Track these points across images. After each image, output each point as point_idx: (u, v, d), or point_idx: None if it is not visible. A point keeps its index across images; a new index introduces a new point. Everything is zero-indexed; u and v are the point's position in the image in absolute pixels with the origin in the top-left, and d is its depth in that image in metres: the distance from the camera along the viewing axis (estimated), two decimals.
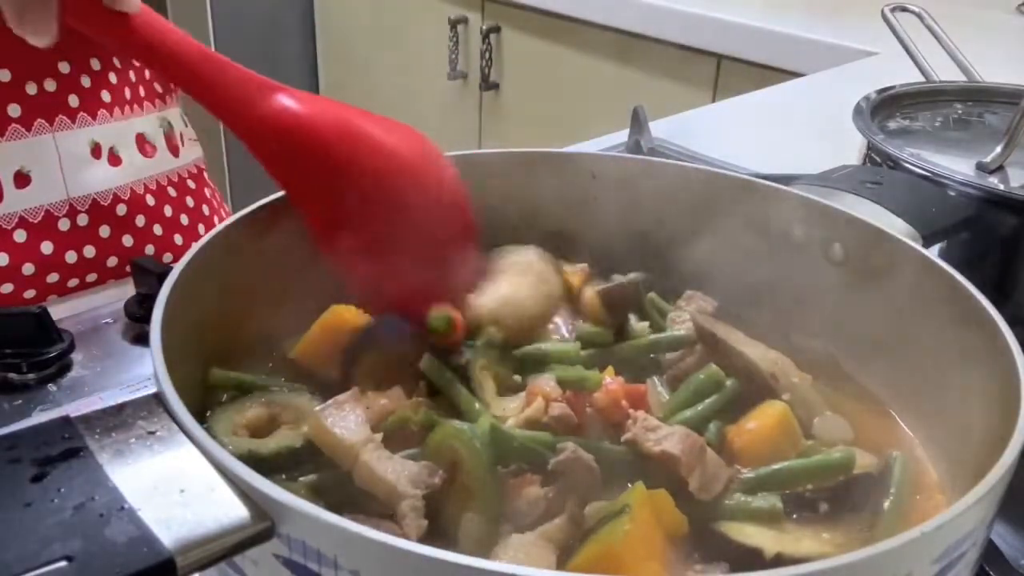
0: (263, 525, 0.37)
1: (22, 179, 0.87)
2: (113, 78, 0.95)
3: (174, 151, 1.02)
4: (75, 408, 0.68)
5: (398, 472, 0.46)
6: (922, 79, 1.00)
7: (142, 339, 0.76)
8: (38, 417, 0.67)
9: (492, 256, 0.66)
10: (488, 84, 2.46)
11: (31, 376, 0.70)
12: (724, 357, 0.57)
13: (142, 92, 0.99)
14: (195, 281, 0.52)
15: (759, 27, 1.79)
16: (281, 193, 0.60)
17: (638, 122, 1.15)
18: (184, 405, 0.41)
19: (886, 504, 0.50)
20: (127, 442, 0.40)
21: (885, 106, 0.88)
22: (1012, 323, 0.49)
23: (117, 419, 0.41)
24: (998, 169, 0.76)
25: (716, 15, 1.85)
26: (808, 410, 0.56)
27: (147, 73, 1.01)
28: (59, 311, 0.76)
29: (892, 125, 0.87)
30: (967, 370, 0.52)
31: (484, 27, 2.40)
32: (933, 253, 0.57)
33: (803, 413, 0.55)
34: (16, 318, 0.71)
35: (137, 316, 0.77)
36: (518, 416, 0.53)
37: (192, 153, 1.06)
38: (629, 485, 0.47)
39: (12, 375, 0.70)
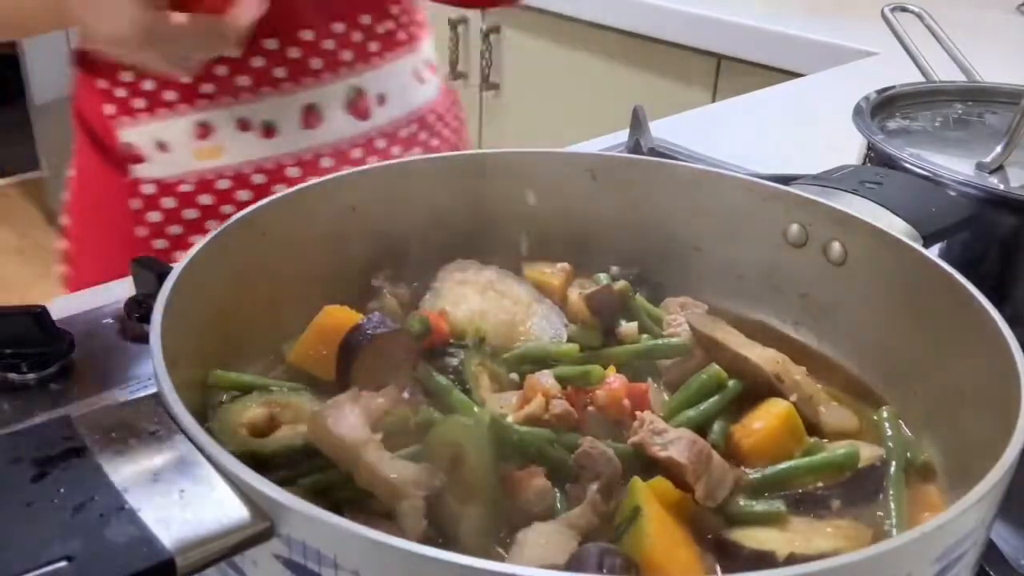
0: (263, 525, 0.37)
1: (380, 100, 1.02)
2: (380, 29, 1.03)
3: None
4: (75, 408, 0.67)
5: (399, 472, 0.46)
6: (922, 79, 1.00)
7: (142, 339, 0.76)
8: (38, 417, 0.67)
9: (451, 270, 0.66)
10: (488, 84, 2.45)
11: (31, 376, 0.70)
12: (725, 360, 0.57)
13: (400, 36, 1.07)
14: (195, 281, 0.52)
15: (759, 27, 1.79)
16: (278, 195, 0.60)
17: (638, 122, 1.15)
18: (184, 405, 0.41)
19: (891, 492, 0.51)
20: (127, 442, 0.40)
21: (885, 106, 0.88)
22: (1012, 323, 0.49)
23: (117, 419, 0.41)
24: (998, 169, 0.76)
25: (716, 15, 1.85)
26: (812, 407, 0.56)
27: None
28: (59, 311, 0.76)
29: (892, 125, 0.86)
30: (967, 370, 0.52)
31: (484, 27, 2.40)
32: (933, 253, 0.57)
33: (807, 410, 0.55)
34: (16, 318, 0.71)
35: (137, 316, 0.77)
36: (517, 413, 0.53)
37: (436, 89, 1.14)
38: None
39: (12, 375, 0.70)
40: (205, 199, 0.96)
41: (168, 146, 0.95)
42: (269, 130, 0.96)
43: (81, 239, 1.07)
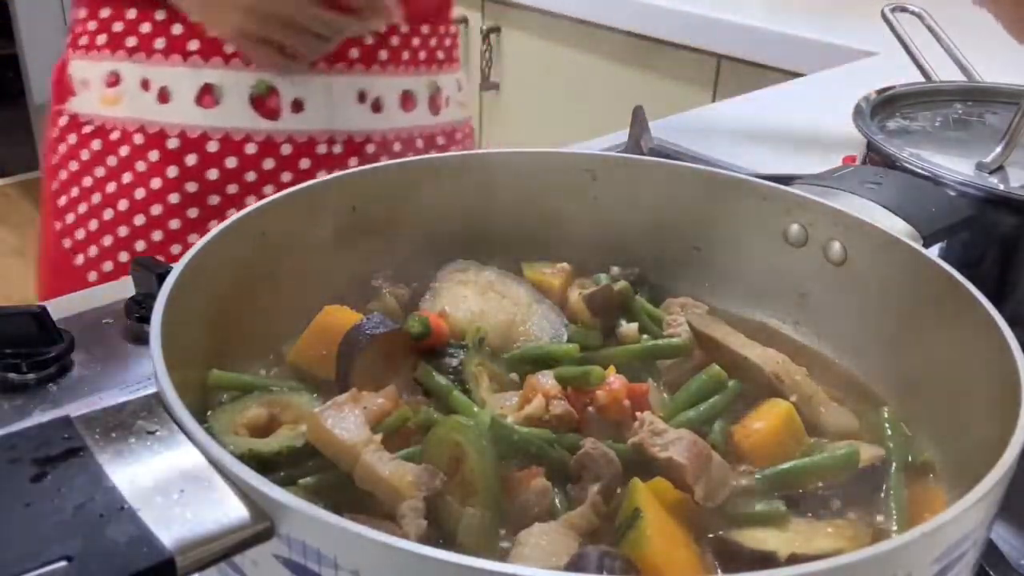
0: (263, 525, 0.37)
1: (296, 106, 1.03)
2: (395, 41, 1.06)
3: (435, 111, 1.13)
4: (75, 408, 0.67)
5: (399, 473, 0.46)
6: (922, 79, 1.00)
7: (142, 339, 0.76)
8: (38, 417, 0.67)
9: (451, 270, 0.66)
10: (488, 84, 2.46)
11: (31, 376, 0.70)
12: (725, 360, 0.57)
13: (421, 56, 1.09)
14: (195, 281, 0.52)
15: (759, 27, 1.79)
16: (278, 195, 0.60)
17: (638, 122, 1.15)
18: (184, 405, 0.41)
19: (891, 492, 0.51)
20: (127, 442, 0.40)
21: (885, 106, 0.88)
22: (1012, 323, 0.49)
23: (117, 419, 0.41)
24: (998, 169, 0.76)
25: (716, 15, 1.85)
26: (812, 407, 0.56)
27: (432, 41, 1.11)
28: (59, 311, 0.76)
29: (892, 125, 0.86)
30: (967, 370, 0.52)
31: (484, 27, 2.40)
32: (933, 253, 0.57)
33: (807, 410, 0.55)
34: (16, 318, 0.71)
35: (137, 316, 0.77)
36: (517, 413, 0.53)
37: (452, 115, 1.17)
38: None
39: (12, 375, 0.70)
40: (96, 144, 1.03)
41: (88, 85, 1.03)
42: (164, 95, 1.00)
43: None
